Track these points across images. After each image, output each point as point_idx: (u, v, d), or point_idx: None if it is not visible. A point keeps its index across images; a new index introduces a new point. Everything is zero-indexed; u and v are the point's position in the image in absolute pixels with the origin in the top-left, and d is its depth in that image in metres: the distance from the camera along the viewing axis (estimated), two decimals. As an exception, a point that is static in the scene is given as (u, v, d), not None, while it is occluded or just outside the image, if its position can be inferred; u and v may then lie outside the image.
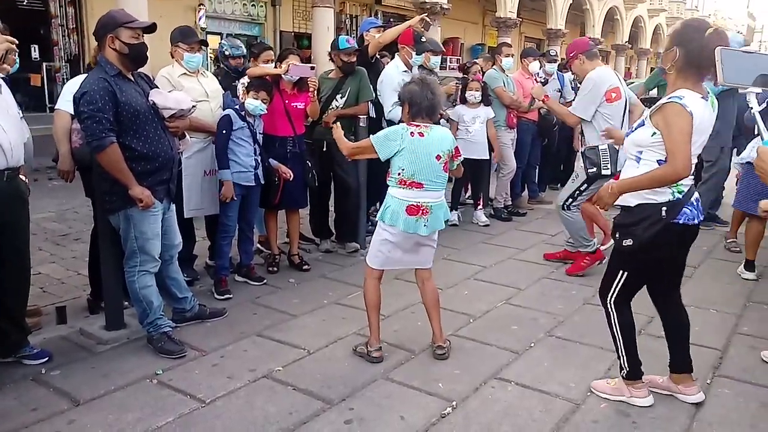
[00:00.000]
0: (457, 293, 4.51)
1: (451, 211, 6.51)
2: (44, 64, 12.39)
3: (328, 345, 3.62)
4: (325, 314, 4.10)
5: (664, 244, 2.73)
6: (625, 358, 2.96)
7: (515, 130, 6.78)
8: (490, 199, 7.03)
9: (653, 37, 33.51)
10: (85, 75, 3.51)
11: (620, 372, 3.01)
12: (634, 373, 2.96)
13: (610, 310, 2.95)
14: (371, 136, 3.40)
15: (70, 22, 12.68)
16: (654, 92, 7.72)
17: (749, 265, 4.91)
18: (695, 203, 2.74)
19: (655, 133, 2.66)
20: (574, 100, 7.49)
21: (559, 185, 8.65)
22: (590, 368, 3.33)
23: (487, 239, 6.06)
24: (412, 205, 3.27)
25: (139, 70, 3.49)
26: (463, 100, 6.30)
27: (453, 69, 14.24)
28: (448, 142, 3.36)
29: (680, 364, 3.00)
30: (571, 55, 4.80)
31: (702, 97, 2.64)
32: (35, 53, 12.21)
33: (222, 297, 4.31)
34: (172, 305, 3.82)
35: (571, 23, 24.77)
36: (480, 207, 6.66)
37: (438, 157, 3.29)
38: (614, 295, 2.91)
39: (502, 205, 6.92)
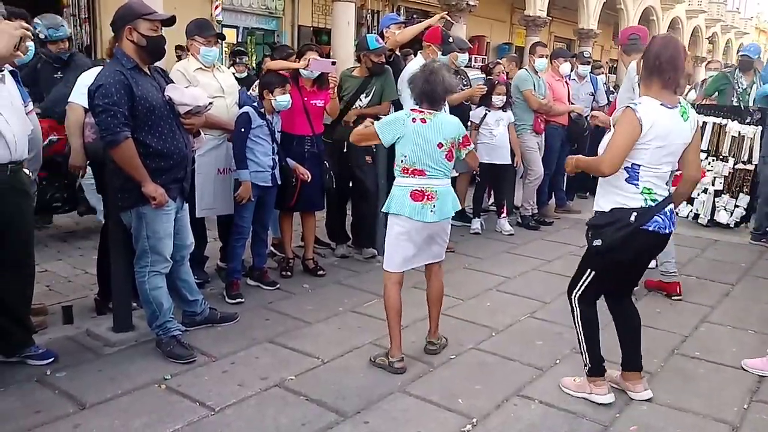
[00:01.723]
0: (479, 305, 4.51)
1: (473, 218, 6.55)
2: (55, 55, 12.56)
3: (343, 354, 3.64)
4: (340, 322, 4.13)
5: (629, 248, 2.98)
6: (587, 354, 3.18)
7: (543, 135, 6.76)
8: (515, 206, 7.01)
9: (690, 40, 33.22)
10: (99, 67, 3.57)
11: (583, 369, 3.21)
12: (595, 370, 3.17)
13: (573, 306, 3.20)
14: (375, 122, 3.47)
15: (82, 11, 12.79)
16: (715, 97, 7.53)
17: None
18: (668, 213, 2.99)
19: None
20: (607, 104, 7.49)
21: (587, 194, 8.63)
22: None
23: (511, 249, 6.04)
24: (416, 190, 3.35)
25: (155, 64, 3.54)
26: (488, 103, 6.28)
27: (476, 68, 14.21)
28: (453, 129, 3.44)
29: (631, 362, 3.25)
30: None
31: (663, 104, 2.87)
32: (46, 43, 12.37)
33: (233, 301, 4.35)
34: (182, 308, 3.86)
35: (604, 23, 24.62)
36: (504, 215, 6.63)
37: (440, 145, 3.36)
38: (579, 293, 3.16)
39: (529, 213, 6.89)
